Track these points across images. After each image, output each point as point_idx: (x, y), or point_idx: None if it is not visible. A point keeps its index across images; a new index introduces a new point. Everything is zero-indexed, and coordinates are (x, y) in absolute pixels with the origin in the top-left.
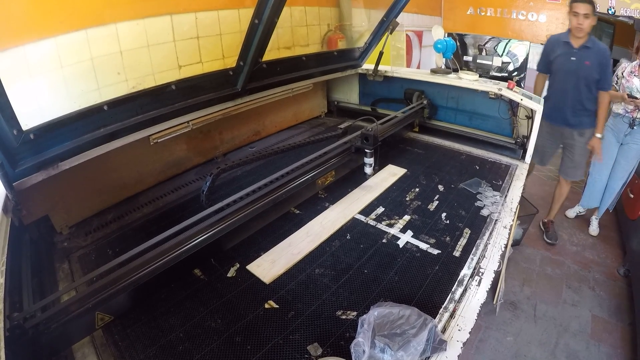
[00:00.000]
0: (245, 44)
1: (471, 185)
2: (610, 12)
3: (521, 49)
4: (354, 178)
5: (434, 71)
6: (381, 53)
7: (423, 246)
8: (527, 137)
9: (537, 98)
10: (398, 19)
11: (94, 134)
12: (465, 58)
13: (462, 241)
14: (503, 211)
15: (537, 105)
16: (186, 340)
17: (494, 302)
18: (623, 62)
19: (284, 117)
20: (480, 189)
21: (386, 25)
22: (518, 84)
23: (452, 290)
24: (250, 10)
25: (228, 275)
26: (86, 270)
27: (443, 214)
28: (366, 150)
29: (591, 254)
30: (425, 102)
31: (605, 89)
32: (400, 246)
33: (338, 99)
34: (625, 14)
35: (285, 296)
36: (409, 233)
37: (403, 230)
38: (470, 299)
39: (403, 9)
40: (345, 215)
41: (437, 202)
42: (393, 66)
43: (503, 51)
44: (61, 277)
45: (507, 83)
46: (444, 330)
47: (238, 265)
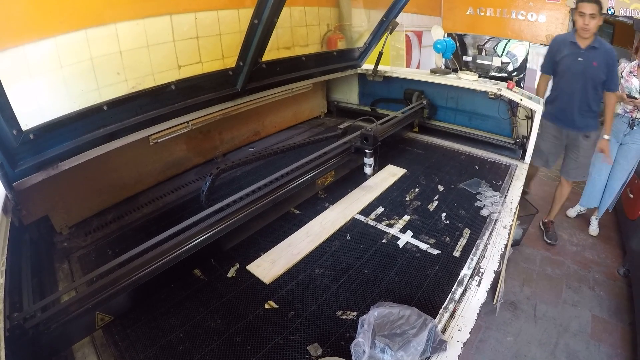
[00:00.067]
0: (244, 44)
1: (471, 185)
2: (609, 12)
3: (520, 49)
4: (354, 178)
5: (434, 71)
6: (381, 53)
7: (423, 246)
8: (527, 137)
9: (537, 98)
10: (397, 19)
11: (94, 134)
12: (464, 58)
13: (462, 241)
14: (503, 211)
15: (537, 105)
16: (186, 340)
17: (494, 302)
18: (622, 62)
19: (284, 117)
20: (480, 189)
21: (386, 25)
22: (517, 84)
23: (452, 290)
24: (249, 10)
25: (228, 275)
26: (86, 270)
27: (443, 214)
28: (366, 150)
29: (591, 254)
30: (424, 102)
31: (612, 90)
32: (400, 246)
33: (338, 99)
34: (624, 14)
35: (285, 296)
36: (409, 233)
37: (403, 230)
38: (470, 299)
39: (402, 9)
40: (345, 215)
41: (437, 202)
42: (393, 66)
43: (502, 51)
44: (61, 277)
45: (507, 83)
46: (444, 330)
47: (238, 265)
